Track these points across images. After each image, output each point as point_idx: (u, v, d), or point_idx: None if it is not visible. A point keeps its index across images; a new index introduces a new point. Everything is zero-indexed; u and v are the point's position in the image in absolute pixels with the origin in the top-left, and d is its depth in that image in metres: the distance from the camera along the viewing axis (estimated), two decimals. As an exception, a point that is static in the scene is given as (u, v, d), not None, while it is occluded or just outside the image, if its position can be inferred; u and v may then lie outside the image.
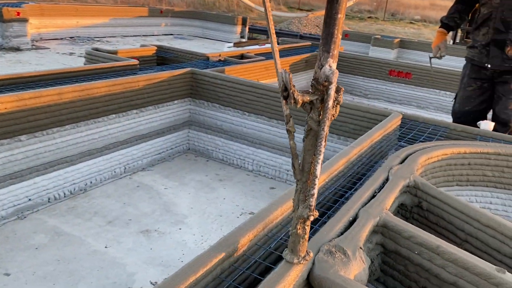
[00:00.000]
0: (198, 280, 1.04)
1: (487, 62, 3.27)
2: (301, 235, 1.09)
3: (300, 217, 1.05)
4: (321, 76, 0.94)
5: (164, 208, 2.74)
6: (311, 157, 1.01)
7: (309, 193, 1.03)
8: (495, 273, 1.23)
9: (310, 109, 0.98)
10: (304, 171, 1.03)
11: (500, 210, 2.50)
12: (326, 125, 0.96)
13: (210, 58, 4.35)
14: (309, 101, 0.96)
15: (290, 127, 0.99)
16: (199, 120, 3.57)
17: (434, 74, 5.06)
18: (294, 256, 1.12)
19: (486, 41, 3.25)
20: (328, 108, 0.95)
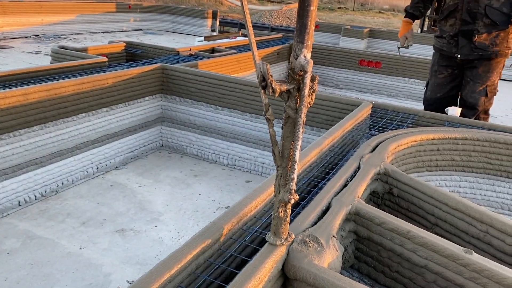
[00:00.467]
0: (173, 277, 1.04)
1: (456, 52, 3.33)
2: (283, 218, 1.14)
3: (281, 201, 1.10)
4: (297, 66, 0.99)
5: (139, 206, 2.71)
6: (290, 143, 1.06)
7: (289, 177, 1.08)
8: (463, 254, 1.28)
9: (287, 98, 1.03)
10: (284, 157, 1.08)
11: (469, 193, 2.58)
12: (303, 112, 1.01)
13: (181, 53, 4.31)
14: (286, 90, 1.01)
15: (269, 115, 1.03)
16: (171, 116, 3.54)
17: (403, 63, 5.16)
18: (277, 238, 1.18)
19: (454, 32, 3.31)
20: (304, 96, 1.00)
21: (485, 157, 2.50)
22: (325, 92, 5.68)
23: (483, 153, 2.50)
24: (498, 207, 2.54)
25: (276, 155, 1.08)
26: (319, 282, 1.11)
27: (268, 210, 1.51)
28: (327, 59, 5.60)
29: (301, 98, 1.01)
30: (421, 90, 5.20)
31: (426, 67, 5.08)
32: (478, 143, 2.48)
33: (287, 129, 1.06)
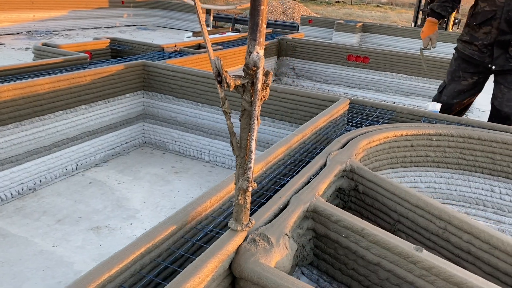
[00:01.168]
0: (112, 277, 1.04)
1: (490, 63, 3.15)
2: (243, 205, 1.20)
3: (240, 189, 1.17)
4: (250, 62, 1.04)
5: (116, 204, 2.71)
6: (247, 134, 1.13)
7: (247, 167, 1.15)
8: (413, 252, 1.28)
9: (243, 92, 1.09)
10: (242, 147, 1.15)
11: (444, 189, 2.59)
12: (257, 105, 1.08)
13: (165, 49, 4.30)
14: (241, 84, 1.07)
15: (226, 108, 1.11)
16: (153, 112, 3.54)
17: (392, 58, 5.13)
18: (238, 224, 1.24)
19: (488, 41, 3.12)
20: (258, 90, 1.06)
21: (459, 153, 2.51)
22: (314, 87, 5.69)
23: (458, 148, 2.50)
24: (473, 203, 2.55)
25: (234, 146, 1.15)
26: (263, 281, 1.12)
27: (226, 209, 1.51)
28: (316, 55, 5.59)
29: (255, 92, 1.07)
30: (409, 85, 5.21)
31: (413, 61, 5.08)
32: (452, 139, 2.48)
33: (244, 121, 1.13)
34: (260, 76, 1.06)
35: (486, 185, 2.52)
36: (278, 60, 5.76)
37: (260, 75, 1.06)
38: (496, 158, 2.46)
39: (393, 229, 1.74)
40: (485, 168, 2.50)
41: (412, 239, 1.68)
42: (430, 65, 4.93)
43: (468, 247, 1.48)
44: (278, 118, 3.09)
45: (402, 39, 9.12)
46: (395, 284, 1.33)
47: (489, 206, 2.53)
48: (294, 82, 5.76)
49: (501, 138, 2.43)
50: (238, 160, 1.16)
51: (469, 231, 1.47)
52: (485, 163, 2.49)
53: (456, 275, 1.19)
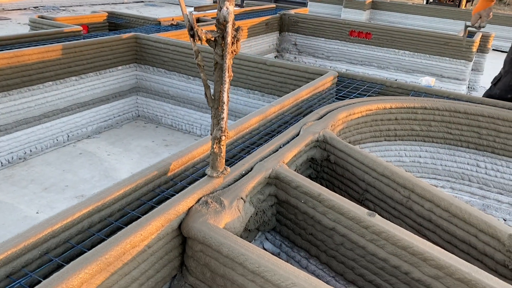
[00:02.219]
0: (56, 232, 1.07)
1: None
2: (218, 153, 1.31)
3: (215, 138, 1.26)
4: (220, 16, 1.11)
5: (104, 174, 2.76)
6: (219, 87, 1.20)
7: (220, 117, 1.24)
8: (365, 217, 1.28)
9: (214, 46, 1.16)
10: (215, 99, 1.24)
11: (429, 163, 2.56)
12: (228, 58, 1.14)
13: (162, 23, 4.28)
14: (212, 38, 1.14)
15: (199, 61, 1.18)
16: (146, 86, 3.55)
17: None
18: (214, 171, 1.35)
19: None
20: (228, 44, 1.12)
21: (445, 126, 2.47)
22: (316, 64, 5.62)
23: (443, 122, 2.47)
24: (458, 178, 2.53)
25: (208, 97, 1.24)
26: (208, 240, 1.13)
27: (190, 174, 1.52)
28: (318, 30, 5.50)
29: (225, 46, 1.13)
30: (411, 62, 5.11)
31: (417, 38, 4.96)
32: (437, 113, 2.45)
33: (216, 74, 1.21)
34: (230, 30, 1.12)
35: (471, 160, 2.49)
36: (280, 35, 5.69)
37: (229, 29, 1.11)
38: (482, 133, 2.42)
39: (362, 199, 1.74)
40: (471, 142, 2.46)
41: (379, 208, 1.68)
42: (432, 41, 4.83)
43: (430, 215, 1.47)
44: (268, 92, 3.07)
45: (412, 17, 8.91)
46: (349, 249, 1.34)
47: (474, 181, 2.50)
48: (296, 58, 5.70)
49: (488, 112, 2.38)
50: (212, 112, 1.25)
51: (430, 199, 1.47)
52: (471, 137, 2.45)
53: (404, 239, 1.19)
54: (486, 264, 1.32)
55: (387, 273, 1.24)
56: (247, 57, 3.08)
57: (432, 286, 1.13)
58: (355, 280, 1.34)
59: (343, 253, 1.36)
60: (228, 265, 1.10)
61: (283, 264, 1.04)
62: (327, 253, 1.41)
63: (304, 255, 1.49)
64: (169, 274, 1.22)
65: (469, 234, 1.35)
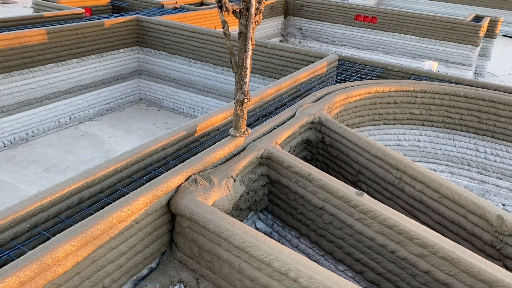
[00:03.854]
0: (44, 206, 1.09)
1: None
2: (241, 115, 1.42)
3: (238, 101, 1.38)
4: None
5: (104, 155, 2.78)
6: (243, 54, 1.32)
7: (243, 81, 1.35)
8: (354, 196, 1.29)
9: (239, 17, 1.29)
10: (239, 65, 1.34)
11: (429, 148, 2.55)
12: (251, 28, 1.28)
13: (165, 6, 4.26)
14: (238, 10, 1.27)
15: (226, 30, 1.32)
16: (148, 69, 3.55)
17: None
18: (237, 131, 1.47)
19: None
20: (251, 15, 1.26)
21: (445, 110, 2.45)
22: (321, 48, 5.58)
23: (443, 106, 2.45)
24: (458, 162, 2.52)
25: (233, 64, 1.36)
26: (194, 216, 1.15)
27: (182, 154, 1.53)
28: (323, 14, 5.45)
29: (249, 16, 1.27)
30: (417, 47, 5.05)
31: (422, 22, 4.90)
32: (437, 96, 2.43)
33: (241, 42, 1.33)
34: (254, 2, 1.26)
35: (471, 145, 2.48)
36: (285, 20, 5.64)
37: (254, 1, 1.26)
38: (482, 117, 2.40)
39: (355, 180, 1.74)
40: (471, 127, 2.44)
41: (372, 190, 1.68)
42: (438, 25, 4.76)
43: (420, 197, 1.47)
44: (268, 76, 3.06)
45: (421, 2, 8.78)
46: (338, 228, 1.34)
47: (473, 166, 2.49)
48: (301, 43, 5.66)
49: (488, 96, 2.36)
50: (236, 77, 1.36)
51: (422, 180, 1.46)
52: (471, 121, 2.44)
53: (390, 218, 1.20)
54: (474, 244, 1.32)
55: (374, 251, 1.25)
56: (248, 40, 3.06)
57: (417, 264, 1.14)
58: (343, 258, 1.35)
59: (332, 232, 1.37)
60: (214, 241, 1.12)
61: (267, 240, 1.05)
62: (316, 232, 1.42)
63: (295, 234, 1.51)
64: (159, 250, 1.24)
65: (458, 215, 1.35)
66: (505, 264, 1.24)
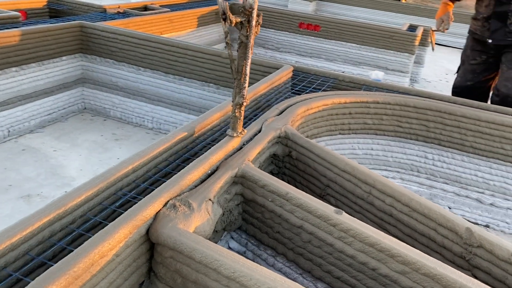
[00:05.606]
0: (14, 245, 0.99)
1: (488, 36, 3.01)
2: (238, 117, 1.59)
3: (237, 104, 1.54)
4: (247, 4, 1.35)
5: (51, 171, 2.61)
6: (243, 61, 1.45)
7: (242, 86, 1.50)
8: (333, 215, 1.31)
9: (240, 28, 1.40)
10: (238, 71, 1.47)
11: (381, 156, 2.66)
12: (252, 38, 1.41)
13: (108, 10, 4.08)
14: (240, 21, 1.38)
15: (228, 40, 1.41)
16: (93, 77, 3.38)
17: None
18: (234, 131, 1.63)
19: (488, 14, 2.99)
20: (252, 27, 1.39)
21: (396, 120, 2.57)
22: (266, 55, 5.63)
23: (394, 116, 2.56)
24: (408, 169, 2.64)
25: (233, 70, 1.48)
26: (178, 246, 1.10)
27: (152, 175, 1.47)
28: (267, 21, 5.50)
29: (250, 28, 1.39)
30: (358, 55, 5.26)
31: (363, 31, 5.11)
32: (389, 107, 2.54)
33: (241, 51, 1.44)
34: (255, 15, 1.37)
35: (420, 152, 2.61)
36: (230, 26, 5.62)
37: (254, 14, 1.37)
38: (430, 126, 2.55)
39: (323, 194, 1.77)
40: (420, 135, 2.58)
41: (340, 203, 1.71)
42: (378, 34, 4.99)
43: (390, 210, 1.53)
44: (223, 85, 3.03)
45: (357, 9, 9.15)
46: (317, 246, 1.35)
47: (422, 172, 2.63)
48: (246, 49, 5.67)
49: (435, 106, 2.50)
50: (236, 82, 1.49)
51: (391, 194, 1.52)
52: (420, 130, 2.57)
53: (371, 236, 1.23)
54: (444, 256, 1.39)
55: (354, 269, 1.27)
56: (201, 49, 3.02)
57: (399, 281, 1.18)
58: (322, 276, 1.36)
59: (311, 250, 1.37)
60: (201, 271, 1.08)
61: (259, 268, 1.03)
62: (294, 250, 1.43)
63: (271, 253, 1.50)
64: (137, 281, 1.17)
65: (428, 228, 1.42)
66: (474, 274, 1.32)
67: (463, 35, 8.08)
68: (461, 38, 8.19)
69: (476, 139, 2.47)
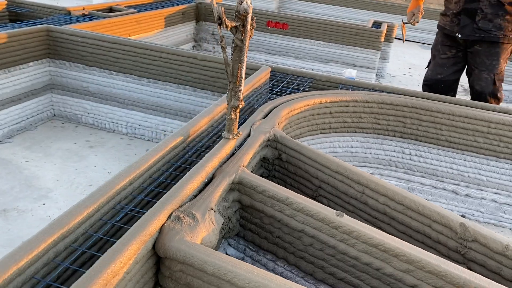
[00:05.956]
0: (21, 269, 0.95)
1: (458, 31, 3.15)
2: (234, 119, 1.63)
3: (232, 106, 1.57)
4: (241, 9, 1.37)
5: (25, 183, 2.50)
6: (238, 65, 1.48)
7: (238, 89, 1.53)
8: (335, 217, 1.32)
9: (235, 32, 1.43)
10: (234, 74, 1.50)
11: (360, 153, 2.71)
12: (246, 42, 1.44)
13: (72, 13, 3.95)
14: (235, 26, 1.40)
15: (223, 44, 1.41)
16: (62, 82, 3.26)
17: (310, 25, 5.16)
18: (230, 134, 1.67)
19: (457, 10, 3.13)
20: (247, 31, 1.42)
21: (374, 117, 2.63)
22: (234, 54, 5.60)
23: (372, 114, 2.62)
24: (386, 164, 2.71)
25: (228, 73, 1.50)
26: (189, 259, 1.08)
27: (147, 186, 1.44)
28: (235, 20, 5.47)
29: (245, 32, 1.42)
30: (326, 52, 5.33)
31: (331, 29, 5.18)
32: (367, 105, 2.59)
33: (235, 54, 1.47)
34: (249, 19, 1.40)
35: (397, 148, 2.69)
36: (197, 25, 5.57)
37: (249, 19, 1.40)
38: (406, 122, 2.62)
39: (315, 195, 1.79)
40: (397, 131, 2.65)
41: (333, 204, 1.74)
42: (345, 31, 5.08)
43: (384, 209, 1.56)
44: (200, 87, 3.00)
45: (320, 6, 9.27)
46: (319, 249, 1.37)
47: (400, 166, 2.70)
48: (215, 48, 5.64)
49: (411, 103, 2.58)
50: (231, 85, 1.52)
51: (384, 193, 1.56)
52: (397, 126, 2.64)
53: (375, 237, 1.25)
54: (439, 251, 1.44)
55: (358, 270, 1.30)
56: (177, 51, 2.97)
57: (403, 279, 1.21)
58: (325, 278, 1.38)
59: (312, 253, 1.39)
60: (213, 283, 1.07)
61: (273, 278, 1.03)
62: (295, 254, 1.44)
63: (271, 258, 1.50)
64: (145, 297, 1.15)
65: (423, 224, 1.46)
66: (469, 267, 1.37)
67: (423, 30, 8.41)
68: (421, 33, 8.48)
69: (451, 133, 2.57)
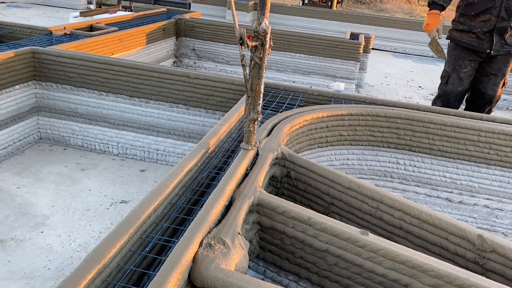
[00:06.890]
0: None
1: (489, 48, 3.42)
2: (252, 131, 1.74)
3: (251, 119, 1.66)
4: (261, 30, 1.47)
5: (20, 211, 2.42)
6: (257, 81, 1.57)
7: (256, 103, 1.62)
8: (360, 236, 1.34)
9: (255, 51, 1.52)
10: (253, 89, 1.59)
11: (356, 165, 2.76)
12: (265, 59, 1.53)
13: (54, 33, 3.87)
14: (255, 45, 1.49)
15: (244, 63, 1.51)
16: (49, 105, 3.18)
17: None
18: (249, 145, 1.77)
19: (488, 29, 3.38)
20: (266, 49, 1.50)
21: (368, 130, 2.68)
22: (217, 68, 5.62)
23: (367, 126, 2.67)
24: (381, 175, 2.77)
25: (248, 89, 1.59)
26: (228, 287, 1.08)
27: (167, 212, 1.42)
28: (216, 35, 5.50)
29: (264, 51, 1.51)
30: (307, 64, 5.41)
31: (311, 42, 5.26)
32: (362, 118, 2.65)
33: (254, 71, 1.56)
34: (268, 39, 1.48)
35: (392, 158, 2.75)
36: (177, 41, 5.56)
37: (268, 38, 1.48)
38: (400, 133, 2.69)
39: (327, 212, 1.81)
40: (391, 143, 2.72)
41: (346, 220, 1.76)
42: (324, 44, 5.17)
43: (400, 223, 1.60)
44: (193, 105, 2.99)
45: (292, 18, 9.40)
46: (344, 268, 1.38)
47: (395, 177, 2.76)
48: (196, 63, 5.63)
49: (404, 115, 2.65)
50: (250, 100, 1.61)
51: (400, 208, 1.59)
52: (391, 138, 2.71)
53: (402, 254, 1.28)
54: (457, 262, 1.48)
55: (385, 287, 1.32)
56: (169, 71, 2.95)
57: (433, 293, 1.24)
58: (351, 296, 1.39)
59: (337, 272, 1.40)
60: (255, 311, 1.06)
61: (317, 302, 1.04)
62: (319, 274, 1.44)
63: (293, 279, 1.50)
64: (182, 328, 1.13)
65: (440, 237, 1.50)
66: (488, 277, 1.41)
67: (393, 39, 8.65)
68: (391, 42, 8.74)
69: (443, 142, 2.65)
